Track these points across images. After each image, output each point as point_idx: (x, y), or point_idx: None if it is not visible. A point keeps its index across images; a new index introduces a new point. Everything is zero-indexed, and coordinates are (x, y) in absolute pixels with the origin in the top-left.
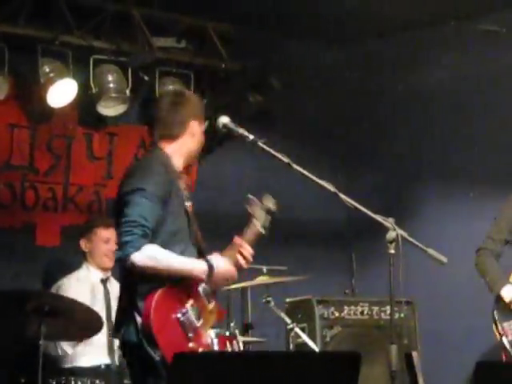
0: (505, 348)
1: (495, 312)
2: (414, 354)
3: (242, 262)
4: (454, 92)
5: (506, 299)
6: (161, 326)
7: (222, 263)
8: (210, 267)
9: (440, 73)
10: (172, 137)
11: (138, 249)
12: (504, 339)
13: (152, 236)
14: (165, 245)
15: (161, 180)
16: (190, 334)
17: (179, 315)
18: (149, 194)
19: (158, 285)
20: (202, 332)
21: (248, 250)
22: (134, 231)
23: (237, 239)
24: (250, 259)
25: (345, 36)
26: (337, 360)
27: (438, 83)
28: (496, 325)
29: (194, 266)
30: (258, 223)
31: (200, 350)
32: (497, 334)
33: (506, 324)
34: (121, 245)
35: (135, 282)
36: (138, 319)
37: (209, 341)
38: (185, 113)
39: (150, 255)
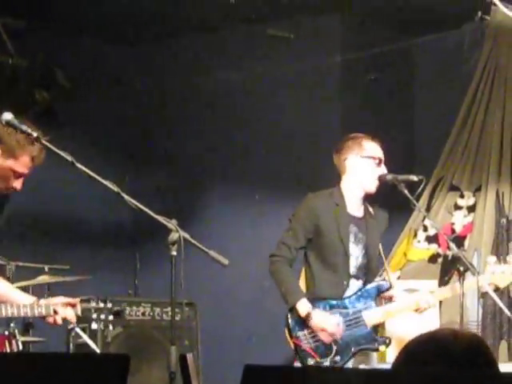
0: (298, 355)
1: (290, 320)
2: (189, 355)
3: None
4: (241, 94)
5: (301, 314)
6: None
7: None
8: None
9: (230, 75)
10: None
11: None
12: (296, 348)
13: None
14: None
15: None
16: None
17: None
18: None
19: None
20: None
21: None
22: None
23: None
24: None
25: (137, 36)
26: (105, 362)
27: (227, 85)
28: (290, 332)
29: None
30: None
31: None
32: (290, 341)
33: (300, 333)
34: None
35: None
36: None
37: None
38: None
39: None
